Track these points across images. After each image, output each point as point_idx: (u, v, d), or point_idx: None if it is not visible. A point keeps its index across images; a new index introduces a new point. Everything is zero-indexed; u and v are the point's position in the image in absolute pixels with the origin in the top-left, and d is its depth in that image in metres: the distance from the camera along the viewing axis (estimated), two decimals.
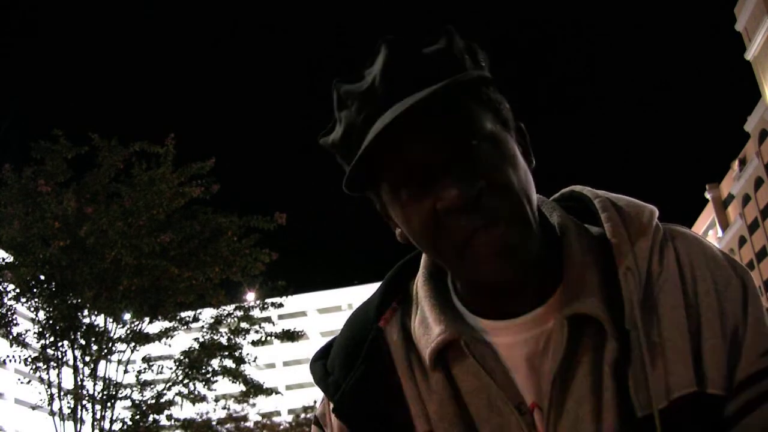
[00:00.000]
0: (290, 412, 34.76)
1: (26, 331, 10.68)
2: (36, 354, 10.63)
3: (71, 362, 10.64)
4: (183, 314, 11.33)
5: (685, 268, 0.83)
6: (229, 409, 14.06)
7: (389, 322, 0.90)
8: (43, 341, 10.56)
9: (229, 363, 11.59)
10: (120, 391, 10.97)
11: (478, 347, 0.83)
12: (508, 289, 0.82)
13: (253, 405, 14.27)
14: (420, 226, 0.79)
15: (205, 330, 11.49)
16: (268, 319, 12.31)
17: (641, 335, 0.78)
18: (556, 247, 0.85)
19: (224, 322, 11.58)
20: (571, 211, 0.91)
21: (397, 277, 0.96)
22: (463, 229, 0.76)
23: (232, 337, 11.58)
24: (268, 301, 12.05)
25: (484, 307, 0.85)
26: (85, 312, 10.69)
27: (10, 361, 10.67)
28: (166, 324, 11.27)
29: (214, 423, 14.00)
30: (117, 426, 10.84)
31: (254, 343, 11.82)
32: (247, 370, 12.03)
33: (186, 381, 11.26)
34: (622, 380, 0.78)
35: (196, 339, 11.39)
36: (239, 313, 11.64)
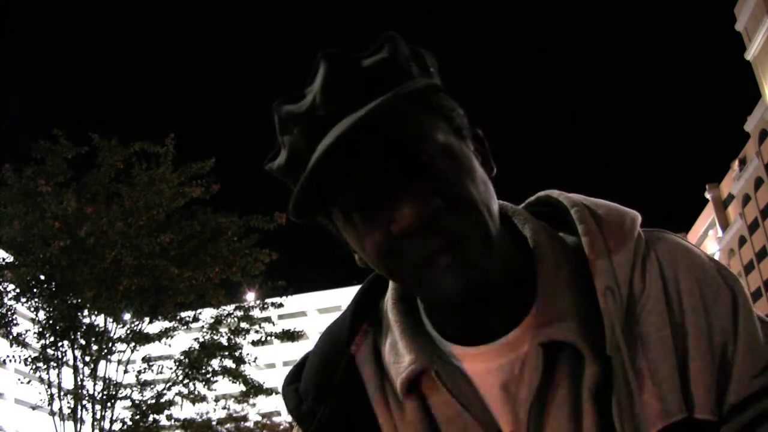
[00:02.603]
0: None
1: (26, 331, 10.67)
2: (36, 354, 10.62)
3: (71, 362, 10.63)
4: (183, 314, 11.32)
5: (669, 282, 0.77)
6: (229, 409, 14.05)
7: (360, 347, 0.86)
8: (43, 341, 10.56)
9: (229, 363, 11.58)
10: (120, 391, 10.97)
11: (451, 376, 0.79)
12: (477, 308, 0.78)
13: (253, 405, 14.26)
14: (376, 250, 0.75)
15: (205, 330, 11.48)
16: (268, 319, 12.29)
17: (625, 361, 0.73)
18: (529, 261, 0.80)
19: (224, 322, 11.57)
20: (545, 217, 0.86)
21: (368, 294, 0.91)
22: (421, 250, 0.72)
23: (232, 337, 11.58)
24: (268, 301, 12.04)
25: (455, 330, 0.81)
26: (85, 312, 10.68)
27: (10, 361, 10.67)
28: (166, 324, 11.26)
29: (214, 423, 13.97)
30: (117, 426, 10.84)
31: (254, 343, 11.82)
32: (247, 370, 12.02)
33: (186, 381, 11.25)
34: (603, 406, 0.74)
35: (196, 339, 11.39)
36: (239, 313, 11.62)
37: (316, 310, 64.60)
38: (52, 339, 10.52)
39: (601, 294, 0.76)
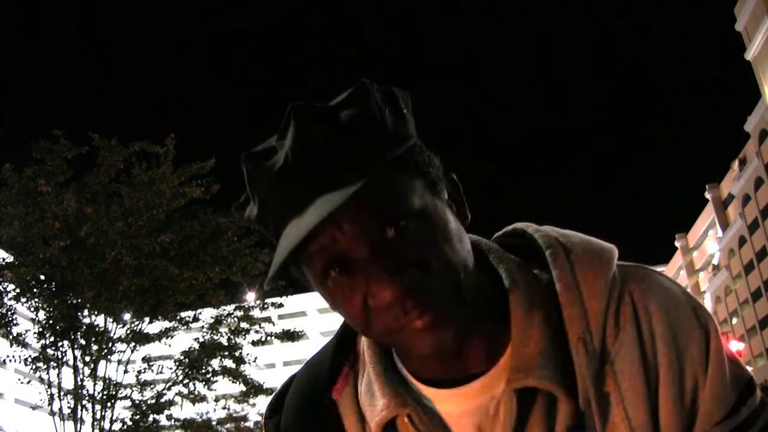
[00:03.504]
0: None
1: (26, 331, 10.70)
2: (36, 354, 10.64)
3: (71, 362, 10.65)
4: (183, 314, 11.35)
5: (643, 326, 0.78)
6: (229, 409, 14.05)
7: (342, 392, 0.86)
8: (43, 341, 10.58)
9: (229, 363, 11.60)
10: (120, 391, 10.99)
11: (425, 419, 0.80)
12: (450, 355, 0.79)
13: (253, 405, 14.26)
14: (350, 316, 0.76)
15: (205, 330, 11.50)
16: (268, 319, 12.32)
17: (597, 413, 0.75)
18: (504, 301, 0.80)
19: (224, 322, 11.59)
20: (518, 249, 0.86)
21: (347, 335, 0.91)
22: (397, 319, 0.72)
23: (232, 337, 11.60)
24: (268, 301, 12.08)
25: (429, 373, 0.81)
26: (85, 312, 10.70)
27: (10, 361, 10.69)
28: (166, 324, 11.28)
29: (214, 423, 13.98)
30: (117, 426, 10.85)
31: (254, 343, 11.84)
32: (247, 370, 12.04)
33: (186, 381, 11.27)
34: None
35: (196, 339, 11.41)
36: (239, 313, 11.65)
37: (316, 310, 64.62)
38: (52, 339, 10.54)
39: (574, 344, 0.76)
